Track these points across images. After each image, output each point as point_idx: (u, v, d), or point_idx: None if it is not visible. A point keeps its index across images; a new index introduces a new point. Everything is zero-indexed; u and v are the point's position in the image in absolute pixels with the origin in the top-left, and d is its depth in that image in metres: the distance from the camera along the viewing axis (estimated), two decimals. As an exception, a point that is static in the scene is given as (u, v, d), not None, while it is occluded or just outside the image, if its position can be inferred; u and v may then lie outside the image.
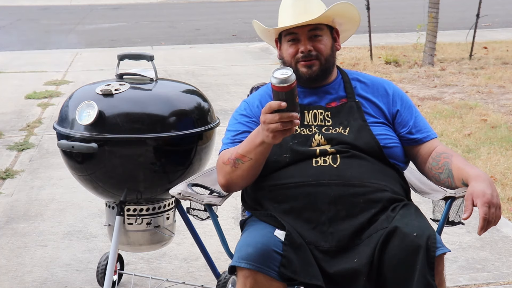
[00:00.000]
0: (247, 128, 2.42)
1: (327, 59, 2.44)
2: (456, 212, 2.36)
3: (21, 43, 11.88)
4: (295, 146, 2.35)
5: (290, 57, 2.44)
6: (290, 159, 2.34)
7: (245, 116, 2.47)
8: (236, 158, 2.28)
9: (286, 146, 2.35)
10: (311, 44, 2.42)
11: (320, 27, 2.43)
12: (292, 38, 2.43)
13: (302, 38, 2.42)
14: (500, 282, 3.28)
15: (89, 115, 2.66)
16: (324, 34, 2.44)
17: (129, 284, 3.26)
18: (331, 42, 2.47)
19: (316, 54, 2.42)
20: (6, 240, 3.81)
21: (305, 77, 2.43)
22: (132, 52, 2.95)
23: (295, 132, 2.37)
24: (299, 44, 2.42)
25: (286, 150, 2.35)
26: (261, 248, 2.09)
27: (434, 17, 8.71)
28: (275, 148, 2.28)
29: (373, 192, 2.25)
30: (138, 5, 19.63)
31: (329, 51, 2.45)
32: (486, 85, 7.69)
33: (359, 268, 2.13)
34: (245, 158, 2.26)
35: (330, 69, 2.48)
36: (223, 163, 2.34)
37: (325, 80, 2.48)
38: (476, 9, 9.02)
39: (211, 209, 2.34)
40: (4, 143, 5.69)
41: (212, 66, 9.31)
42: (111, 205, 2.91)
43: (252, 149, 2.23)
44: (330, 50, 2.45)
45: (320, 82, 2.47)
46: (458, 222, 2.36)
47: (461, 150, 5.23)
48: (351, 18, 2.52)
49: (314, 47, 2.42)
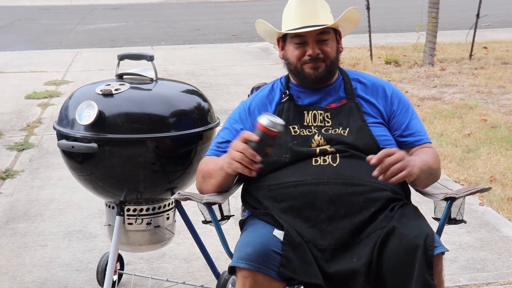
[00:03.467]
0: (233, 137, 2.44)
1: (332, 62, 2.46)
2: (458, 210, 2.36)
3: (21, 43, 11.88)
4: (295, 147, 2.36)
5: (296, 59, 2.46)
6: (290, 159, 2.35)
7: (236, 122, 2.50)
8: (205, 172, 2.39)
9: (286, 147, 2.36)
10: (319, 47, 2.44)
11: (328, 30, 2.45)
12: (299, 41, 2.44)
13: (310, 41, 2.43)
14: (500, 282, 3.28)
15: (89, 115, 2.66)
16: (330, 37, 2.46)
17: (129, 284, 3.26)
18: (336, 45, 2.49)
19: (323, 57, 2.44)
20: (6, 240, 3.81)
21: (311, 78, 2.45)
22: (132, 52, 2.95)
23: (295, 133, 2.38)
24: (307, 47, 2.43)
25: (286, 150, 2.36)
26: (260, 248, 2.09)
27: (434, 17, 8.70)
28: (275, 148, 2.29)
29: (372, 191, 2.26)
30: (138, 5, 19.62)
31: (334, 54, 2.48)
32: (486, 85, 7.69)
33: (358, 268, 2.14)
34: (211, 176, 2.37)
35: (335, 70, 2.50)
36: (198, 170, 2.45)
37: (328, 81, 2.49)
38: (476, 9, 9.01)
39: (211, 208, 2.34)
40: (4, 143, 5.69)
41: (212, 66, 9.31)
42: (111, 205, 2.91)
43: (216, 170, 2.34)
44: (335, 53, 2.48)
45: (325, 83, 2.49)
46: (460, 220, 2.37)
47: (461, 150, 5.23)
48: (353, 20, 2.55)
49: (321, 50, 2.44)
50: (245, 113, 2.50)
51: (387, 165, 2.12)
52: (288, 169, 2.32)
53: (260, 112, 2.45)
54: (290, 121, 2.43)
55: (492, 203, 4.20)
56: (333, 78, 2.50)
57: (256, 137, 2.14)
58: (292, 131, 2.41)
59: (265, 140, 2.14)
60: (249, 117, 2.49)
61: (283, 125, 2.15)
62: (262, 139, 2.14)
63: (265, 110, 2.48)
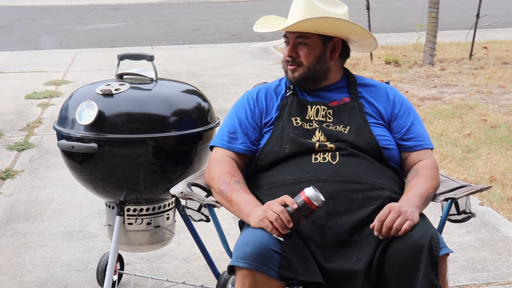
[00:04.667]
0: (244, 126, 2.46)
1: (310, 68, 2.46)
2: (465, 204, 2.36)
3: (21, 43, 11.88)
4: (295, 137, 2.37)
5: (284, 57, 2.52)
6: (290, 151, 2.36)
7: (245, 109, 2.50)
8: (227, 196, 2.32)
9: (287, 138, 2.37)
10: (296, 50, 2.46)
11: (307, 35, 2.45)
12: (285, 40, 2.50)
13: (290, 42, 2.47)
14: (500, 282, 3.28)
15: (89, 115, 2.66)
16: (310, 43, 2.45)
17: (129, 284, 3.26)
18: (320, 51, 2.46)
19: (299, 61, 2.46)
20: (6, 240, 3.81)
21: (290, 79, 2.50)
22: (132, 52, 2.95)
23: (297, 124, 2.40)
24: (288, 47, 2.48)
25: (286, 141, 2.38)
26: (259, 247, 2.09)
27: (434, 17, 8.70)
28: (276, 139, 2.34)
29: (371, 190, 2.26)
30: (138, 5, 19.62)
31: (312, 60, 2.46)
32: (486, 85, 7.69)
33: (357, 267, 2.14)
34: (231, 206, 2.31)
35: (318, 76, 2.49)
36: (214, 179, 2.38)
37: (314, 85, 2.50)
38: (476, 9, 9.01)
39: (211, 209, 2.34)
40: (4, 143, 5.69)
41: (212, 66, 9.30)
42: (111, 205, 2.91)
43: (239, 211, 2.28)
44: (315, 59, 2.46)
45: (306, 86, 2.50)
46: (469, 212, 2.35)
47: (461, 150, 5.23)
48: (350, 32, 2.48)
49: (298, 54, 2.46)
50: (253, 101, 2.53)
51: (388, 227, 2.12)
52: (288, 167, 2.33)
53: (267, 100, 2.50)
54: (293, 114, 2.44)
55: (492, 203, 4.20)
56: (327, 80, 2.51)
57: (296, 205, 2.13)
58: (294, 122, 2.42)
59: (304, 211, 2.14)
60: (256, 105, 2.51)
61: (324, 202, 2.15)
62: (301, 209, 2.13)
63: (272, 101, 2.51)
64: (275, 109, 2.49)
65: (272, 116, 2.47)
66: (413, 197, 2.25)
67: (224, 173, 2.37)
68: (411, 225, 2.12)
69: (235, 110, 2.53)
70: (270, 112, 2.49)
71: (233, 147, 2.45)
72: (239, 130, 2.47)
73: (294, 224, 2.14)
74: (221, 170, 2.38)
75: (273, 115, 2.48)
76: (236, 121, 2.49)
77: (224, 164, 2.41)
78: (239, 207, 2.27)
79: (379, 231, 2.13)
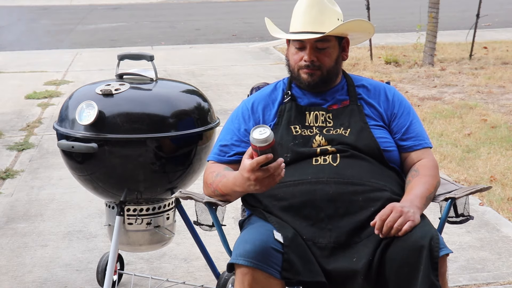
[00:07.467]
0: (237, 138, 2.45)
1: (329, 70, 2.45)
2: (463, 207, 2.36)
3: (21, 43, 11.88)
4: (296, 147, 2.36)
5: (294, 63, 2.47)
6: (291, 159, 2.35)
7: (239, 122, 2.49)
8: (215, 189, 2.34)
9: (287, 146, 2.36)
10: (316, 54, 2.43)
11: (328, 38, 2.43)
12: (299, 45, 2.45)
13: (307, 47, 2.43)
14: (500, 282, 3.28)
15: (89, 115, 2.66)
16: (331, 46, 2.44)
17: (129, 284, 3.26)
18: (337, 53, 2.47)
19: (319, 65, 2.43)
20: (6, 240, 3.81)
21: (305, 83, 2.46)
22: (132, 52, 2.95)
23: (296, 133, 2.39)
24: (305, 52, 2.43)
25: (287, 150, 2.37)
26: (259, 245, 2.09)
27: (434, 17, 8.70)
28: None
29: (372, 191, 2.26)
30: (138, 5, 19.62)
31: (332, 63, 2.45)
32: (486, 85, 7.69)
33: (357, 268, 2.14)
34: (224, 196, 2.33)
35: (332, 78, 2.49)
36: (206, 182, 2.40)
37: (326, 87, 2.49)
38: (476, 9, 9.01)
39: (212, 208, 2.34)
40: (4, 143, 5.69)
41: (212, 66, 9.30)
42: (111, 205, 2.91)
43: (232, 193, 2.29)
44: (334, 61, 2.46)
45: (321, 88, 2.49)
46: (468, 215, 2.36)
47: (461, 150, 5.23)
48: (363, 30, 2.53)
49: (318, 58, 2.43)
50: (247, 112, 2.51)
51: (388, 227, 2.13)
52: (288, 168, 2.32)
53: (263, 110, 2.47)
54: (292, 121, 2.43)
55: (492, 203, 4.20)
56: (331, 84, 2.50)
57: (270, 155, 2.09)
58: (293, 131, 2.41)
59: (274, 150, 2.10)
60: (252, 116, 2.49)
61: (272, 132, 2.09)
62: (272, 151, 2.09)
63: (268, 109, 2.49)
64: (273, 116, 2.48)
65: (270, 124, 2.46)
66: (414, 198, 2.25)
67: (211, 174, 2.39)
68: (412, 226, 2.12)
69: (229, 123, 2.53)
70: (267, 121, 2.47)
71: (223, 159, 2.45)
72: (231, 143, 2.46)
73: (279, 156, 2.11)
74: (209, 175, 2.40)
75: (271, 122, 2.47)
76: (228, 134, 2.49)
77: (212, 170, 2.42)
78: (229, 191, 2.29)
79: (379, 230, 2.13)
